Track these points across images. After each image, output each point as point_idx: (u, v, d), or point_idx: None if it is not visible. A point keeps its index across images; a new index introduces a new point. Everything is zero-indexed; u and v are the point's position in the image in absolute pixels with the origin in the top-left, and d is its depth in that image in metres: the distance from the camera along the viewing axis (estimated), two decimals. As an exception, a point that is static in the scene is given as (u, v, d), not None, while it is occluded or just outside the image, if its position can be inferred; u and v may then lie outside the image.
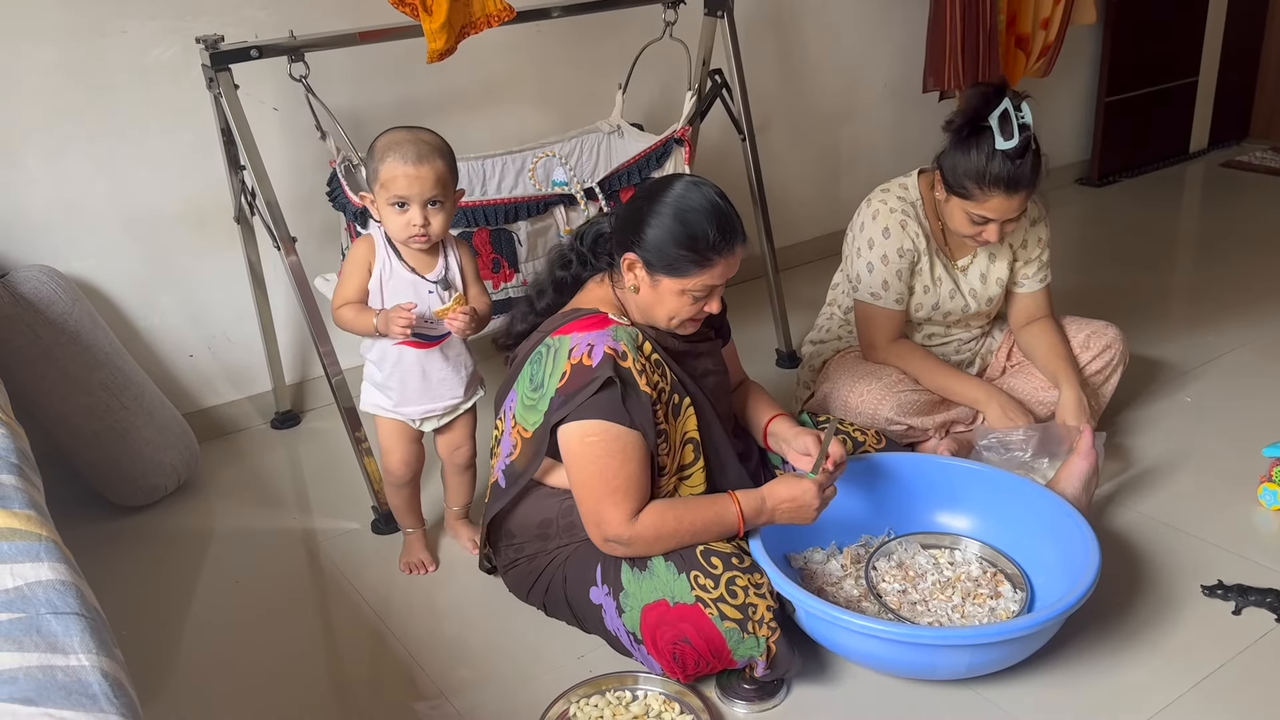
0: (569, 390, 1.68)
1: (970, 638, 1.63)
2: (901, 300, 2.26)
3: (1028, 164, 2.03)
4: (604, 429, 1.65)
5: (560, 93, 2.95)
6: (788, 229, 3.46)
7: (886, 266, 2.22)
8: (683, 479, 1.80)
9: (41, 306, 2.17)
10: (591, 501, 1.69)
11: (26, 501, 1.18)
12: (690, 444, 1.79)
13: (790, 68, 3.42)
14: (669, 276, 1.71)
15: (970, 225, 2.13)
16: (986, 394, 2.23)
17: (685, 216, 1.68)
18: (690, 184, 1.72)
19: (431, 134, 1.87)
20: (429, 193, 1.81)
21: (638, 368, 1.68)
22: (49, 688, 0.87)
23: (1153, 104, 4.48)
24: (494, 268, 2.36)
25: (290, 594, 2.08)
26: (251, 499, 2.40)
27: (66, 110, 2.30)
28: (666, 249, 1.69)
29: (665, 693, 1.70)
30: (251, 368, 2.69)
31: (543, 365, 1.74)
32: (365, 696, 1.81)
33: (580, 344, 1.70)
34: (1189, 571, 1.97)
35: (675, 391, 1.76)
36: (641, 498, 1.68)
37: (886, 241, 2.22)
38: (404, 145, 1.81)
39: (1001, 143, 2.00)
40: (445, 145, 1.87)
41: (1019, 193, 2.05)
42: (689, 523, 1.69)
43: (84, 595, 1.03)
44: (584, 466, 1.68)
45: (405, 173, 1.79)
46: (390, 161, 1.80)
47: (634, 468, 1.67)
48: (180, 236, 2.51)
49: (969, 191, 2.07)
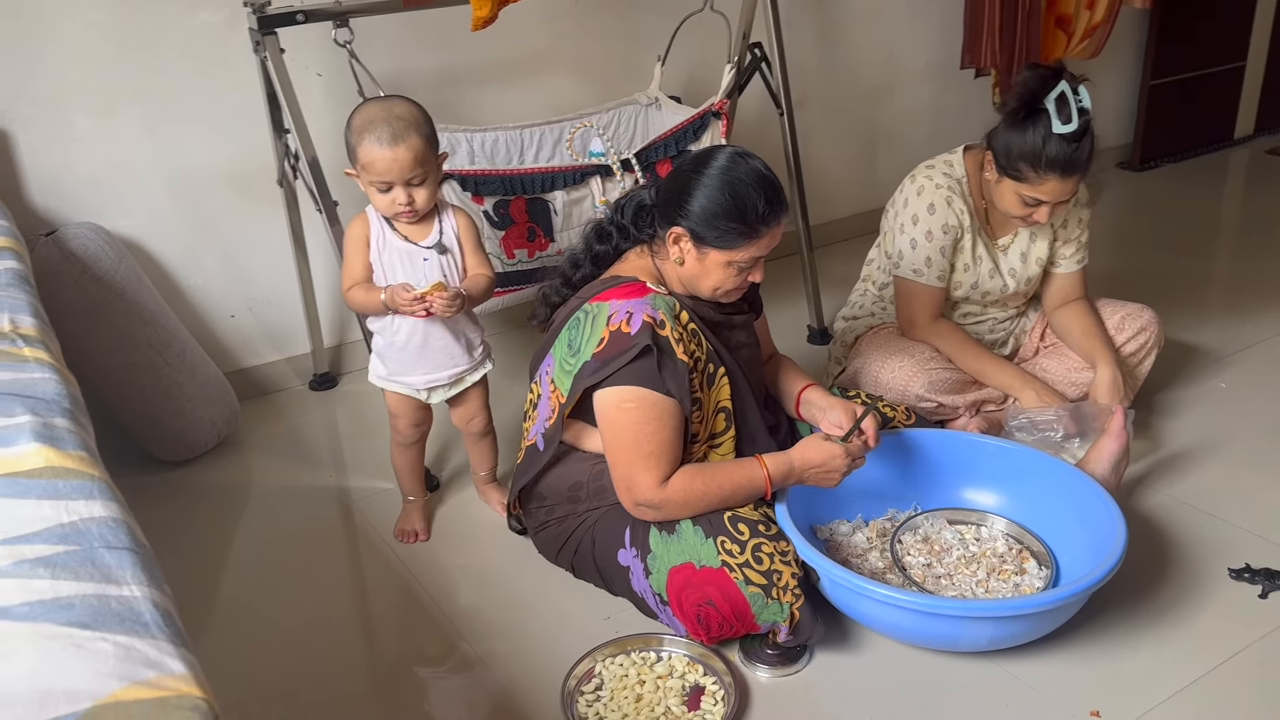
0: (606, 355, 1.70)
1: (993, 609, 1.65)
2: (943, 278, 2.26)
3: (1085, 148, 2.02)
4: (641, 395, 1.68)
5: (599, 64, 2.97)
6: (823, 206, 3.46)
7: (930, 243, 2.22)
8: (713, 447, 1.83)
9: (89, 263, 2.22)
10: (624, 466, 1.71)
11: (79, 443, 1.23)
12: (723, 413, 1.82)
13: (830, 43, 3.41)
14: (717, 249, 1.72)
15: (1021, 207, 2.12)
16: (1022, 381, 2.23)
17: (734, 189, 1.69)
18: (736, 155, 1.73)
19: (406, 104, 1.84)
20: (408, 173, 1.81)
21: (675, 336, 1.70)
22: (104, 614, 0.91)
23: (1198, 88, 4.42)
24: (529, 236, 2.38)
25: (323, 549, 2.13)
26: (288, 457, 2.46)
27: (115, 71, 2.34)
28: (715, 221, 1.70)
29: (689, 655, 1.73)
30: (291, 329, 2.74)
31: (581, 330, 1.77)
32: (394, 649, 1.86)
33: (620, 310, 1.72)
34: (1216, 554, 1.97)
35: (710, 361, 1.79)
36: (672, 463, 1.71)
37: (931, 218, 2.22)
38: (378, 126, 1.79)
39: (1059, 126, 1.99)
40: (421, 116, 1.84)
41: (1074, 176, 2.04)
42: (717, 486, 1.72)
43: (134, 532, 1.08)
44: (619, 432, 1.71)
45: (382, 156, 1.79)
46: (367, 144, 1.79)
47: (668, 434, 1.69)
48: (224, 198, 2.56)
49: (1023, 174, 2.06)
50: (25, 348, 1.46)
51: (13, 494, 1.10)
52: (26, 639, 0.88)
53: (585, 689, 1.68)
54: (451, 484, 2.30)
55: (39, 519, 1.06)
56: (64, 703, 0.82)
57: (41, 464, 1.16)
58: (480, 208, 2.30)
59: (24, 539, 1.02)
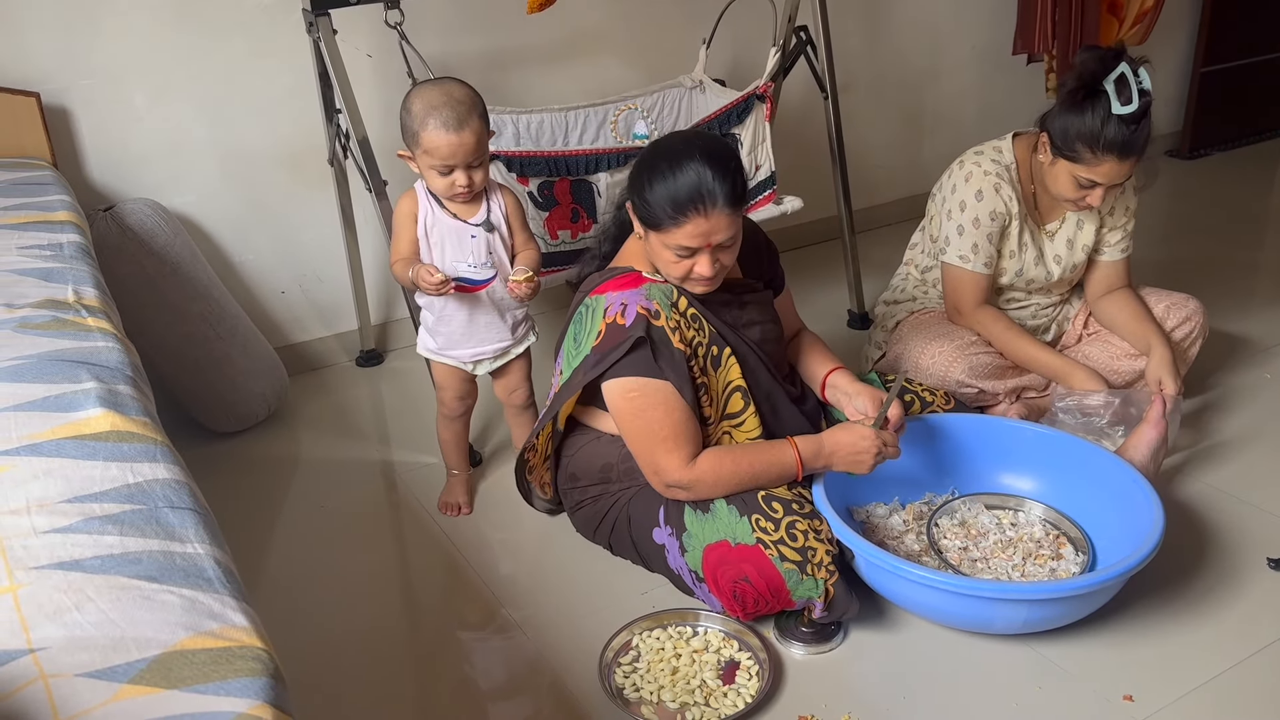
0: (603, 349, 1.74)
1: (1029, 592, 1.66)
2: (990, 264, 2.26)
3: (1144, 130, 2.01)
4: (641, 384, 1.72)
5: (644, 47, 2.98)
6: (867, 190, 3.45)
7: (978, 229, 2.22)
8: (736, 427, 1.85)
9: (146, 238, 2.29)
10: (646, 454, 1.76)
11: (141, 410, 1.28)
12: (737, 392, 1.83)
13: (877, 27, 3.40)
14: (650, 230, 1.74)
15: (1076, 190, 2.11)
16: (1070, 368, 2.22)
17: (662, 170, 1.69)
18: (680, 138, 1.76)
19: (462, 87, 1.88)
20: (471, 156, 1.85)
21: (671, 325, 1.74)
22: (169, 569, 0.96)
23: (1250, 76, 4.34)
24: (573, 218, 2.41)
25: (369, 520, 2.19)
26: (335, 430, 2.51)
27: (172, 51, 2.40)
28: (645, 202, 1.72)
29: (725, 630, 1.76)
30: (339, 306, 2.80)
31: (583, 325, 1.82)
32: (436, 615, 1.91)
33: (614, 303, 1.76)
34: (1256, 544, 1.96)
35: (714, 343, 1.81)
36: (693, 443, 1.74)
37: (979, 204, 2.22)
38: (442, 110, 1.82)
39: (1119, 107, 1.98)
40: (476, 98, 1.88)
41: (1131, 158, 2.03)
42: (748, 465, 1.74)
43: (195, 494, 1.13)
44: (631, 421, 1.75)
45: (448, 141, 1.82)
46: (431, 129, 1.82)
47: (678, 416, 1.73)
48: (276, 177, 2.61)
49: (1080, 155, 2.05)
50: (89, 318, 1.51)
51: (81, 455, 1.15)
52: (99, 590, 0.93)
53: (623, 660, 1.72)
54: (494, 460, 2.34)
55: (106, 479, 1.11)
56: (134, 649, 0.86)
57: (107, 428, 1.21)
58: (525, 189, 2.33)
59: (93, 498, 1.07)
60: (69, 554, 0.98)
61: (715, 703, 1.63)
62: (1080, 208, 2.16)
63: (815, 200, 2.81)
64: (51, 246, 1.73)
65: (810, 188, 2.83)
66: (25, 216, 1.85)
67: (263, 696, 0.84)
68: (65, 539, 1.00)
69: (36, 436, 1.17)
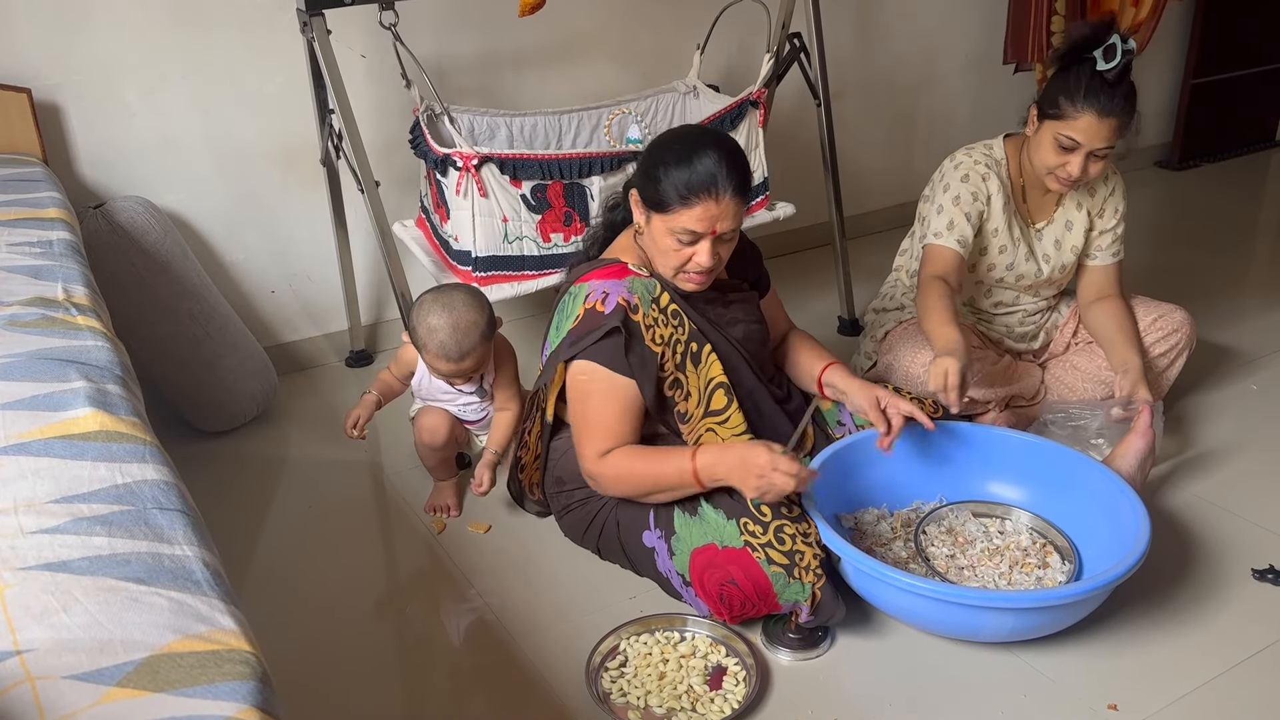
0: (579, 332, 1.78)
1: (1015, 601, 1.67)
2: (964, 243, 2.21)
3: (1123, 92, 2.05)
4: (598, 370, 1.76)
5: (639, 51, 2.99)
6: (859, 197, 3.46)
7: (957, 207, 2.22)
8: (721, 423, 1.85)
9: (136, 236, 2.28)
10: (577, 434, 1.82)
11: (131, 409, 1.28)
12: (720, 389, 1.84)
13: (869, 34, 3.41)
14: (655, 212, 1.75)
15: (1056, 154, 2.12)
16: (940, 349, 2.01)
17: (672, 151, 1.73)
18: (694, 129, 1.80)
19: (469, 311, 1.95)
20: (471, 373, 2.02)
21: (648, 322, 1.76)
22: (158, 571, 0.96)
23: (1240, 88, 4.37)
24: (565, 221, 2.41)
25: (356, 522, 2.18)
26: (324, 431, 2.51)
27: (165, 48, 2.39)
28: (651, 183, 1.74)
29: (712, 636, 1.77)
30: (330, 306, 2.79)
31: (565, 311, 1.84)
32: (422, 621, 1.90)
33: (596, 290, 1.79)
34: (1240, 554, 1.98)
35: (694, 340, 1.83)
36: (614, 439, 1.77)
37: (964, 185, 2.23)
38: (443, 340, 1.93)
39: (1102, 64, 2.04)
40: (480, 316, 1.97)
41: (1110, 118, 2.06)
42: (649, 468, 1.76)
43: (184, 495, 1.12)
44: (575, 402, 1.81)
45: (448, 368, 1.97)
46: (432, 355, 1.96)
47: (615, 410, 1.76)
48: (268, 176, 2.61)
49: (1061, 110, 2.08)
50: (78, 316, 1.51)
51: (69, 455, 1.15)
52: (87, 591, 0.93)
53: (610, 665, 1.72)
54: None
55: (95, 479, 1.10)
56: (122, 651, 0.86)
57: (96, 428, 1.21)
58: (518, 191, 2.33)
59: (81, 498, 1.07)
60: (56, 555, 0.98)
61: (702, 708, 1.63)
62: (1062, 181, 2.16)
63: (807, 206, 2.82)
64: (41, 244, 1.72)
65: (802, 194, 2.84)
66: (15, 213, 1.84)
67: (250, 700, 0.84)
68: (53, 540, 1.00)
69: (24, 436, 1.17)
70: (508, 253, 2.32)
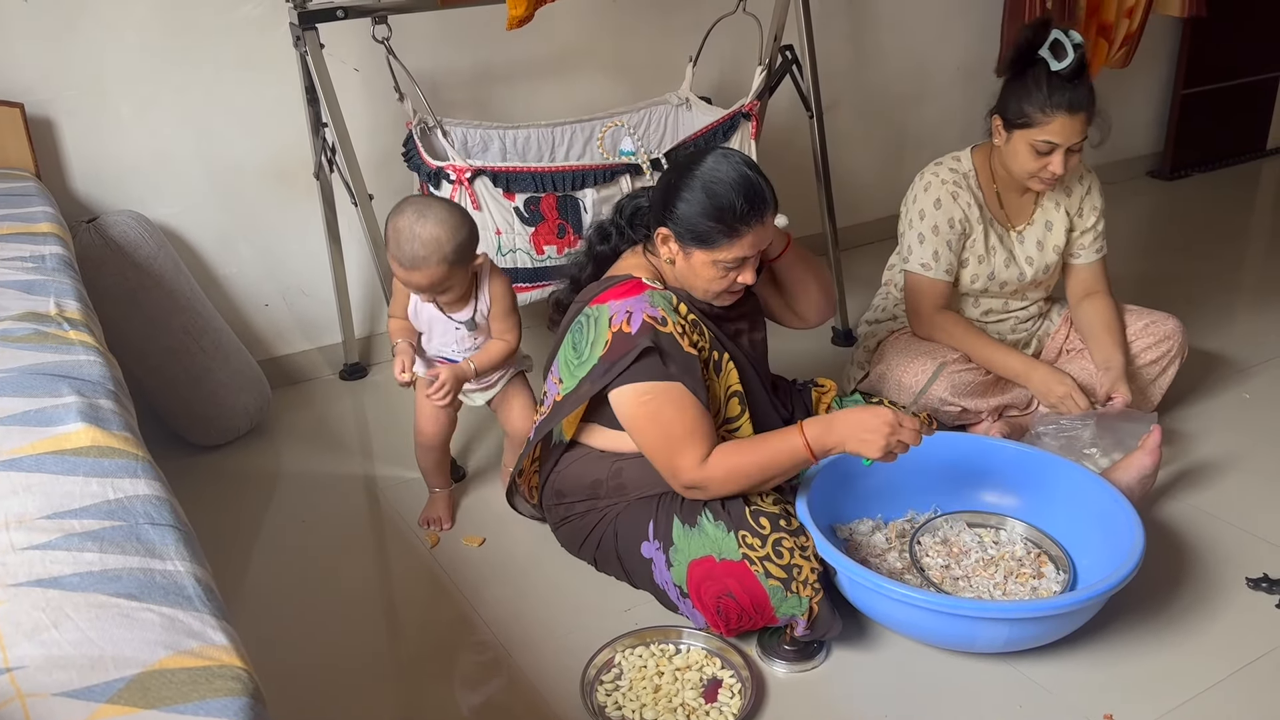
0: (611, 358, 1.75)
1: (1010, 611, 1.67)
2: (951, 271, 2.28)
3: (1084, 85, 2.08)
4: (654, 387, 1.72)
5: (631, 63, 3.00)
6: (851, 209, 3.47)
7: (937, 236, 2.25)
8: (732, 431, 1.86)
9: (129, 250, 2.28)
10: (663, 457, 1.75)
11: (123, 424, 1.27)
12: (735, 397, 1.86)
13: (862, 47, 3.43)
14: (699, 249, 1.75)
15: (1035, 159, 2.14)
16: (1028, 366, 2.23)
17: (713, 189, 1.72)
18: (719, 156, 1.76)
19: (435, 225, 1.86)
20: (429, 290, 1.92)
21: (678, 331, 1.75)
22: (150, 587, 0.95)
23: (1230, 98, 4.40)
24: (559, 233, 2.42)
25: (350, 535, 2.18)
26: (318, 444, 2.50)
27: (158, 63, 2.40)
28: (696, 222, 1.73)
29: (708, 648, 1.76)
30: (323, 320, 2.79)
31: (584, 334, 1.81)
32: (417, 634, 1.90)
33: (619, 311, 1.76)
34: (1234, 563, 1.98)
35: (714, 349, 1.83)
36: (707, 440, 1.73)
37: (938, 212, 2.25)
38: (401, 243, 1.87)
39: (1056, 65, 2.05)
40: (444, 237, 1.86)
41: (1080, 113, 2.08)
42: (758, 456, 1.73)
43: (176, 510, 1.12)
44: (646, 426, 1.75)
45: (401, 274, 1.91)
46: (389, 253, 1.91)
47: (692, 414, 1.73)
48: (261, 189, 2.61)
49: (1031, 118, 2.10)
50: (70, 331, 1.50)
51: (61, 470, 1.14)
52: (78, 608, 0.92)
53: (605, 678, 1.71)
54: (477, 475, 2.34)
55: (86, 495, 1.10)
56: (113, 668, 0.86)
57: (88, 443, 1.20)
58: (511, 204, 2.34)
59: (72, 514, 1.07)
60: (48, 571, 0.97)
61: (697, 721, 1.63)
62: (1045, 181, 2.18)
63: (800, 218, 2.83)
64: (34, 258, 1.72)
65: (795, 205, 2.84)
66: (7, 228, 1.84)
67: (242, 716, 0.83)
68: (44, 556, 1.00)
69: (16, 451, 1.17)
70: (501, 265, 2.32)
